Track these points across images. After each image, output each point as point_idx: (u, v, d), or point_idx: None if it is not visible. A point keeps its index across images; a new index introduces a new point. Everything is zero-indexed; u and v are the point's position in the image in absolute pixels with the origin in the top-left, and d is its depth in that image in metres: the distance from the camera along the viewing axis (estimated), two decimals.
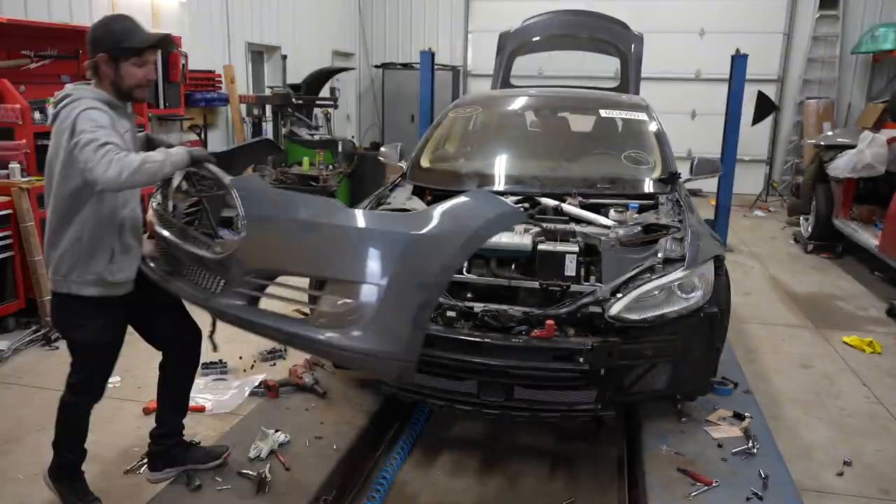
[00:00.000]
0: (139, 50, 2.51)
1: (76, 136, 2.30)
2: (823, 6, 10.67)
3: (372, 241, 2.17)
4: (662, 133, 4.50)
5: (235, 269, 2.35)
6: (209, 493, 2.76)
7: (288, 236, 2.31)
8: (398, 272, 2.12)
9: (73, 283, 2.55)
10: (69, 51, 5.56)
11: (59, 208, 2.51)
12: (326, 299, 2.26)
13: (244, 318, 2.39)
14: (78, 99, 2.42)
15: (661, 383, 3.10)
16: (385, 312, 2.11)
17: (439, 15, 12.28)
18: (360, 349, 2.14)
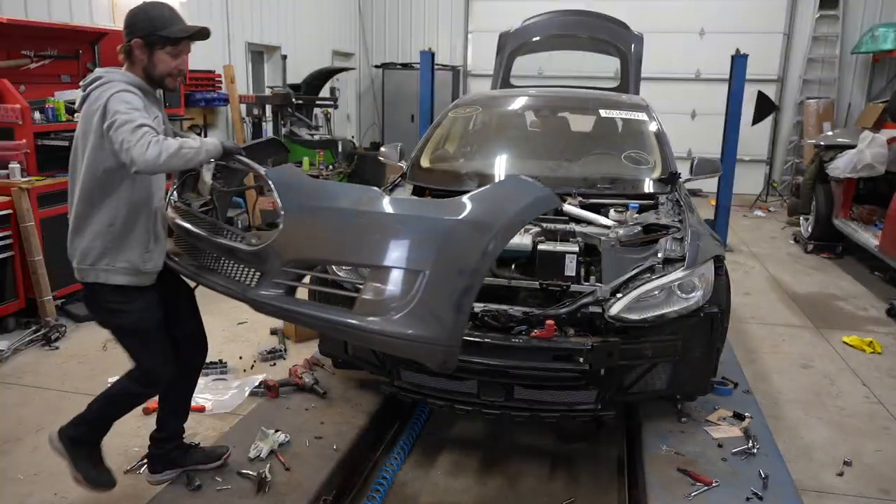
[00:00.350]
0: (176, 40, 2.50)
1: (110, 116, 2.27)
2: (823, 6, 10.68)
3: (414, 228, 2.19)
4: (662, 133, 4.50)
5: (273, 260, 2.34)
6: (209, 493, 2.76)
7: (328, 225, 2.30)
8: (440, 258, 2.14)
9: (102, 271, 2.50)
10: (69, 51, 5.56)
11: (89, 193, 2.46)
12: (369, 287, 2.24)
13: (286, 308, 2.38)
14: (109, 81, 2.38)
15: (661, 383, 3.10)
16: (428, 298, 2.13)
17: (439, 15, 12.28)
18: (404, 335, 2.15)
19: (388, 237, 2.19)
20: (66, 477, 3.01)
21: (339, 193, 2.37)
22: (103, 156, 2.37)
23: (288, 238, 2.31)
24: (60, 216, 4.92)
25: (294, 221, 2.30)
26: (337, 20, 11.40)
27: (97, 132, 2.35)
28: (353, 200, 2.29)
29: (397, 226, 2.22)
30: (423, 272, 2.12)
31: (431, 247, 2.14)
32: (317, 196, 2.35)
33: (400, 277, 2.16)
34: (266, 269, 2.38)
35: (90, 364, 4.21)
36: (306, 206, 2.32)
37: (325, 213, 2.30)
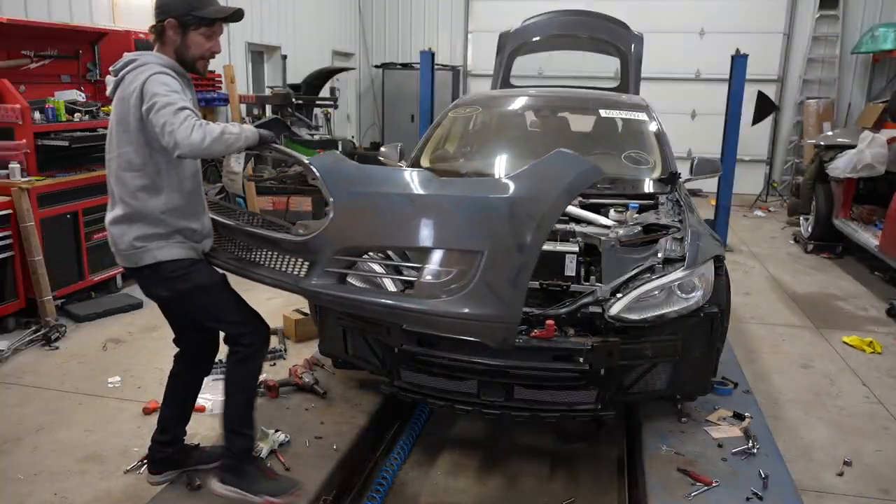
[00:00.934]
0: (211, 20, 2.42)
1: (148, 99, 2.22)
2: (823, 6, 10.68)
3: (471, 208, 2.20)
4: (662, 133, 4.50)
5: (324, 248, 2.32)
6: (209, 493, 2.75)
7: (381, 211, 2.28)
8: (498, 236, 2.17)
9: (157, 249, 2.43)
10: (69, 51, 5.56)
11: (137, 178, 2.39)
12: (427, 269, 2.25)
13: (342, 296, 2.38)
14: (144, 64, 2.34)
15: (661, 383, 3.10)
16: (488, 277, 2.17)
17: (439, 15, 12.28)
18: (465, 315, 2.19)
19: (446, 219, 2.20)
20: (66, 477, 3.02)
21: (390, 178, 2.37)
22: (148, 139, 2.32)
23: (339, 226, 2.29)
24: (60, 216, 4.95)
25: (345, 209, 2.28)
26: (337, 20, 11.40)
27: (136, 116, 2.30)
28: (405, 184, 2.28)
29: (454, 208, 2.21)
30: (482, 251, 2.16)
31: (489, 226, 2.17)
32: (367, 182, 2.32)
33: (459, 258, 2.20)
34: (316, 258, 2.36)
35: (90, 364, 4.21)
36: (357, 192, 2.30)
37: (378, 198, 2.28)
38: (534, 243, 2.18)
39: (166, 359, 4.26)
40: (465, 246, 2.20)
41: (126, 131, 2.35)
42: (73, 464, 3.13)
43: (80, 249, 5.14)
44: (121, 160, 2.41)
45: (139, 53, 2.40)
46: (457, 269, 2.20)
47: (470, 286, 2.18)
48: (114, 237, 2.50)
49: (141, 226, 2.43)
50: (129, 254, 2.47)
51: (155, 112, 2.19)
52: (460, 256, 2.20)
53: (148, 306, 5.23)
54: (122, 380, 3.99)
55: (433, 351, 2.94)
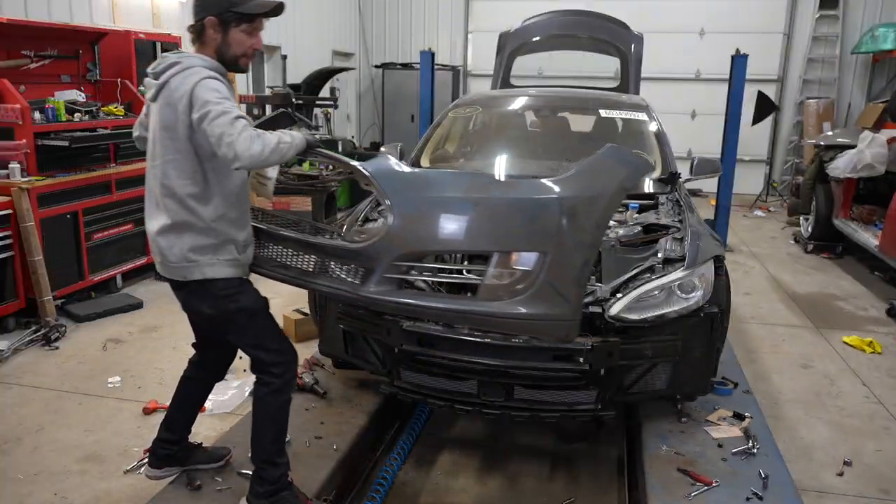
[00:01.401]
0: (252, 16, 2.34)
1: (200, 107, 2.15)
2: (823, 6, 10.67)
3: (533, 210, 2.21)
4: (662, 133, 4.50)
5: (384, 255, 2.31)
6: (209, 493, 2.76)
7: (442, 215, 2.28)
8: (560, 236, 2.19)
9: (207, 266, 2.36)
10: (69, 51, 5.56)
11: (186, 187, 2.30)
12: (492, 272, 2.27)
13: (406, 302, 2.37)
14: (190, 67, 2.25)
15: (661, 383, 3.10)
16: (551, 277, 2.20)
17: (439, 15, 12.27)
18: (530, 315, 2.22)
19: (509, 222, 2.22)
20: (66, 477, 3.02)
21: (449, 182, 2.36)
22: (197, 146, 2.25)
23: (399, 231, 2.28)
24: (60, 216, 4.95)
25: (404, 214, 2.26)
26: (337, 20, 11.39)
27: (185, 123, 2.22)
28: (465, 188, 2.30)
29: (516, 209, 2.23)
30: (545, 252, 2.19)
31: (551, 226, 2.19)
32: (426, 187, 2.33)
33: (523, 260, 2.22)
34: (373, 264, 2.34)
35: (90, 364, 4.21)
36: (416, 197, 2.30)
37: (439, 203, 2.28)
38: (594, 241, 2.23)
39: (166, 359, 4.29)
40: (530, 247, 2.22)
41: (173, 138, 2.27)
42: (73, 464, 3.13)
43: (80, 249, 5.14)
44: (167, 167, 2.31)
45: (181, 55, 2.32)
46: (523, 271, 2.22)
47: (534, 287, 2.20)
48: (161, 249, 2.39)
49: (191, 236, 2.34)
50: (179, 267, 2.38)
51: (209, 122, 2.13)
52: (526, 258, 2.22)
53: (148, 306, 5.24)
54: (122, 380, 3.99)
55: (433, 351, 2.95)
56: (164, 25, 6.77)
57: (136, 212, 5.75)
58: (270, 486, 2.54)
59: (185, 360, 4.25)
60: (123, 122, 5.61)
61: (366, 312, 3.05)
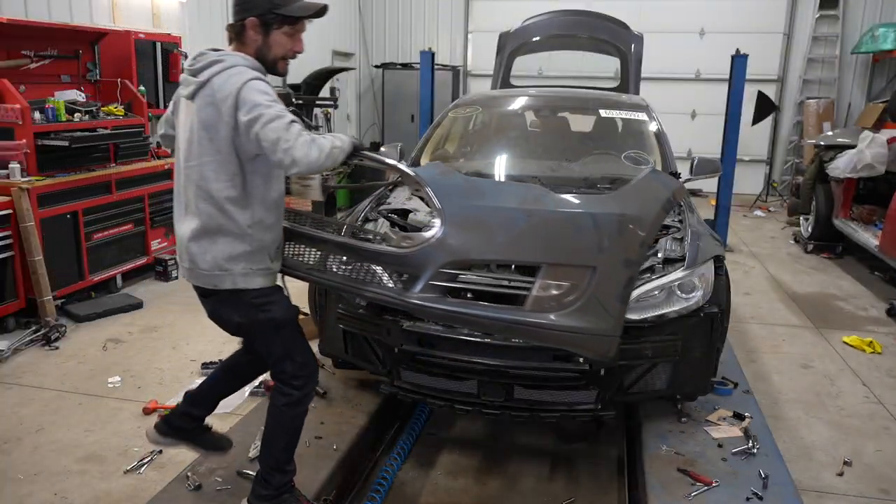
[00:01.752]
0: (295, 18, 2.28)
1: (249, 109, 2.09)
2: (823, 6, 10.67)
3: (586, 225, 2.24)
4: (662, 133, 4.50)
5: (432, 261, 2.29)
6: (209, 492, 2.76)
7: (495, 225, 2.28)
8: (609, 252, 2.24)
9: (241, 276, 2.29)
10: (69, 51, 5.56)
11: (222, 192, 2.21)
12: (541, 284, 2.28)
13: (453, 310, 2.35)
14: (233, 66, 2.17)
15: (661, 383, 3.10)
16: (598, 292, 2.23)
17: (439, 15, 12.27)
18: (576, 328, 2.24)
19: (562, 235, 2.25)
20: (66, 477, 3.02)
21: (503, 192, 2.37)
22: (240, 150, 2.18)
23: (448, 239, 2.28)
24: (60, 216, 4.95)
25: (455, 222, 2.26)
26: (337, 20, 11.39)
27: (230, 124, 2.14)
28: (519, 199, 2.30)
29: (569, 224, 2.25)
30: (594, 267, 2.22)
31: (602, 242, 2.24)
32: (478, 195, 2.33)
33: (574, 273, 2.25)
34: (420, 271, 2.32)
35: (90, 364, 4.21)
36: (468, 206, 2.29)
37: (492, 213, 2.28)
38: (639, 259, 2.28)
39: (166, 359, 4.29)
40: (578, 261, 2.25)
41: (213, 139, 2.18)
42: (73, 464, 3.13)
43: (80, 249, 5.14)
44: (205, 169, 2.22)
45: (222, 53, 2.23)
46: (572, 284, 2.24)
47: (582, 300, 2.23)
48: (192, 255, 2.31)
49: (225, 242, 2.26)
50: (210, 275, 2.31)
51: (262, 126, 2.07)
52: (576, 272, 2.24)
53: (148, 306, 5.24)
54: (121, 380, 3.99)
55: (433, 351, 2.94)
56: (164, 25, 6.77)
57: (136, 212, 5.76)
58: (274, 490, 2.53)
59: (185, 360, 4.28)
60: (123, 122, 5.61)
61: (366, 312, 3.05)
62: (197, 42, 7.36)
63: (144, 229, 5.85)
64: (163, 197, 6.08)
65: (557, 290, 2.28)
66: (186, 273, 2.39)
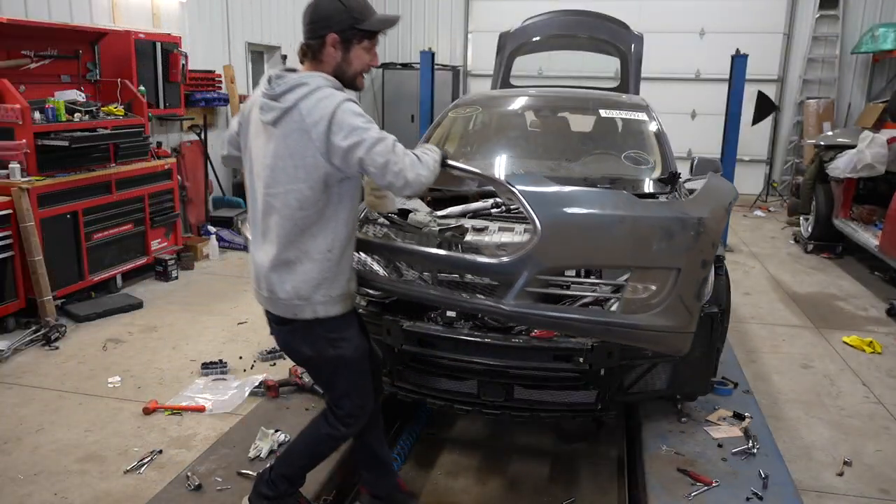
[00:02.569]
0: (374, 33, 2.21)
1: (347, 133, 2.04)
2: (823, 6, 10.67)
3: (672, 228, 2.35)
4: (662, 133, 4.49)
5: (527, 269, 2.36)
6: (209, 493, 2.76)
7: (589, 231, 2.37)
8: (690, 254, 2.36)
9: (320, 304, 2.22)
10: (69, 51, 5.56)
11: (304, 218, 2.14)
12: (632, 286, 2.40)
13: (553, 316, 2.43)
14: (319, 88, 2.11)
15: (661, 383, 3.10)
16: (681, 292, 2.38)
17: (439, 15, 12.27)
18: (663, 327, 2.39)
19: (651, 239, 2.35)
20: (66, 477, 3.02)
21: (594, 199, 2.46)
22: (328, 176, 2.11)
23: (545, 246, 2.35)
24: (60, 216, 4.95)
25: (550, 230, 2.34)
26: None
27: (320, 150, 2.07)
28: (610, 205, 2.40)
29: (657, 228, 2.36)
30: (678, 268, 2.37)
31: (685, 244, 2.35)
32: (570, 203, 2.41)
33: (661, 275, 2.39)
34: (514, 279, 2.39)
35: (90, 364, 4.21)
36: (562, 213, 2.37)
37: (586, 219, 2.37)
38: (711, 259, 2.42)
39: (166, 359, 4.29)
40: (665, 263, 2.37)
41: (299, 166, 2.10)
42: (73, 464, 3.13)
43: (80, 249, 5.14)
44: (289, 197, 2.13)
45: (303, 75, 2.15)
46: (659, 285, 2.38)
47: (668, 301, 2.38)
48: (271, 283, 2.24)
49: (306, 269, 2.19)
50: (290, 304, 2.23)
51: (367, 150, 2.03)
52: (663, 274, 2.39)
53: (148, 306, 5.24)
54: (122, 380, 3.99)
55: (433, 351, 2.94)
56: (164, 25, 6.77)
57: (136, 212, 5.76)
58: (277, 495, 2.52)
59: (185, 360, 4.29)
60: (123, 122, 5.61)
61: (366, 312, 3.05)
62: (196, 42, 7.37)
63: (144, 229, 5.85)
64: (163, 197, 6.09)
65: (645, 291, 2.40)
66: (264, 301, 2.32)
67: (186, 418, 3.53)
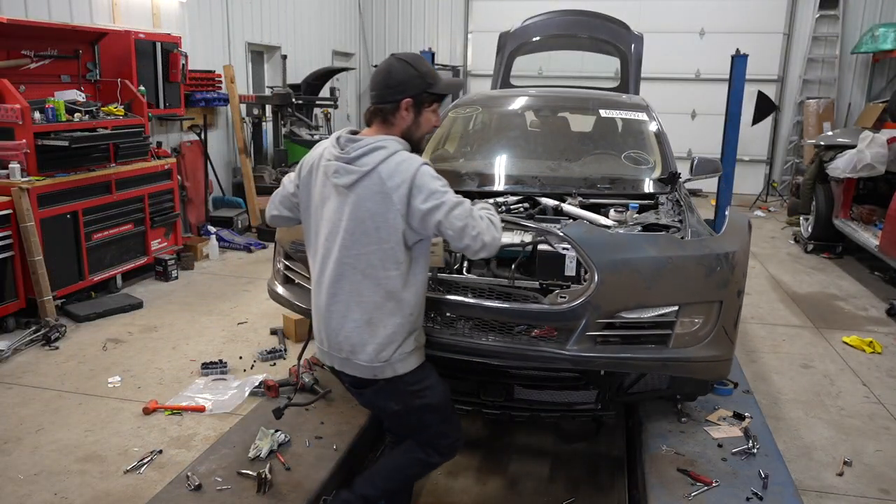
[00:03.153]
0: (442, 97, 2.30)
1: (429, 197, 2.08)
2: (823, 6, 10.67)
3: (714, 264, 2.51)
4: (662, 133, 4.49)
5: (589, 314, 2.49)
6: (209, 493, 2.76)
7: (641, 273, 2.51)
8: (730, 286, 2.55)
9: (399, 362, 2.25)
10: (69, 51, 5.56)
11: (390, 280, 2.17)
12: (682, 322, 2.55)
13: (616, 357, 2.57)
14: (396, 152, 2.15)
15: (661, 383, 3.09)
16: (724, 322, 2.57)
17: (439, 15, 12.28)
18: (710, 357, 2.57)
19: (696, 276, 2.50)
20: (66, 477, 3.02)
21: (643, 242, 2.59)
22: (406, 236, 2.14)
23: (603, 291, 2.49)
24: (60, 216, 4.95)
25: (608, 275, 2.48)
26: (337, 20, 11.39)
27: (401, 212, 2.10)
28: (658, 247, 2.54)
29: (703, 265, 2.51)
30: (721, 301, 2.54)
31: (724, 278, 2.52)
32: (624, 248, 2.54)
33: (706, 309, 2.55)
34: (576, 324, 2.53)
35: (90, 364, 4.21)
36: (618, 259, 2.51)
37: (638, 263, 2.50)
38: (744, 288, 2.62)
39: (166, 359, 4.29)
40: (710, 297, 2.52)
41: (380, 228, 2.13)
42: (73, 464, 3.13)
43: (80, 249, 5.14)
44: (372, 258, 2.16)
45: (379, 139, 2.18)
46: (704, 319, 2.54)
47: (714, 332, 2.55)
48: (353, 345, 2.25)
49: (387, 329, 2.21)
50: (371, 367, 2.24)
51: (446, 214, 2.08)
52: (708, 307, 2.55)
53: (148, 306, 5.24)
54: (122, 380, 3.99)
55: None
56: (164, 25, 6.77)
57: (136, 212, 5.76)
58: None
59: (185, 360, 4.29)
60: (123, 122, 5.61)
61: None
62: (196, 42, 7.37)
63: (144, 229, 5.85)
64: (163, 197, 6.09)
65: (692, 325, 2.55)
66: (340, 363, 2.32)
67: (186, 418, 3.53)
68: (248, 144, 8.14)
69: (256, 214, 7.66)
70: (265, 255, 6.83)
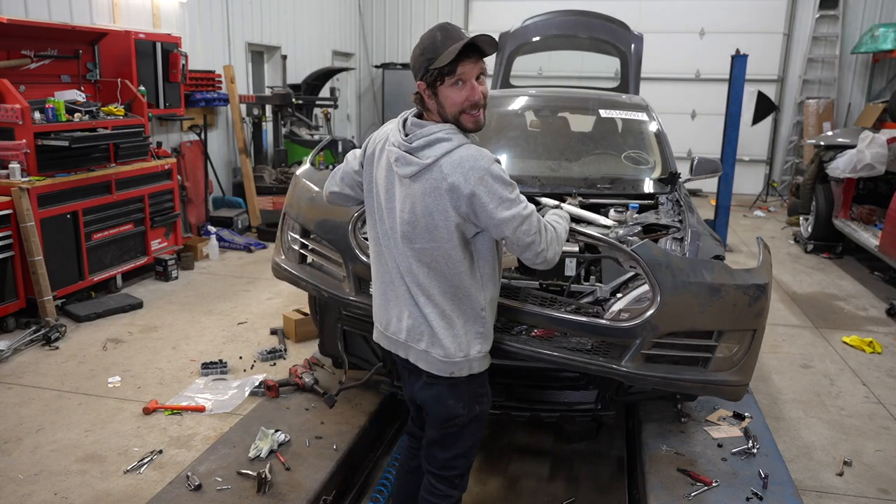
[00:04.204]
0: (449, 66, 2.03)
1: (499, 207, 1.94)
2: (823, 6, 10.68)
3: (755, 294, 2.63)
4: (662, 133, 4.49)
5: (647, 333, 2.59)
6: (209, 492, 2.76)
7: (698, 298, 2.61)
8: (762, 316, 2.70)
9: (476, 360, 2.13)
10: (69, 51, 5.56)
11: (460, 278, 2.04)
12: (722, 346, 2.68)
13: (669, 377, 2.66)
14: (461, 145, 2.01)
15: None
16: (752, 350, 2.71)
17: (439, 15, 12.28)
18: (737, 382, 2.71)
19: (741, 304, 2.64)
20: (66, 477, 3.02)
21: (701, 269, 2.68)
22: (465, 231, 2.02)
23: (664, 312, 2.57)
24: (60, 216, 4.95)
25: (670, 296, 2.57)
26: (337, 20, 11.39)
27: (462, 211, 1.97)
28: (714, 275, 2.64)
29: (748, 294, 2.64)
30: (755, 330, 2.69)
31: (762, 308, 2.67)
32: (686, 273, 2.63)
33: (742, 337, 2.69)
34: (633, 342, 2.61)
35: (90, 364, 4.21)
36: (680, 282, 2.60)
37: (696, 288, 2.61)
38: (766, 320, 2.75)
39: (166, 359, 4.29)
40: (749, 326, 2.68)
41: (440, 225, 1.99)
42: (73, 464, 3.13)
43: (80, 249, 5.14)
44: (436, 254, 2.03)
45: (442, 127, 2.05)
46: (739, 345, 2.68)
47: (745, 359, 2.70)
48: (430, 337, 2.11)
49: (460, 328, 2.09)
50: (448, 363, 2.09)
51: (514, 229, 1.96)
52: (744, 335, 2.68)
53: (148, 306, 5.24)
54: (122, 380, 3.99)
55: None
56: (164, 25, 6.77)
57: (136, 212, 5.76)
58: None
59: (185, 360, 4.28)
60: (123, 122, 5.61)
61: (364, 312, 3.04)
62: (196, 42, 7.37)
63: (144, 229, 5.85)
64: (163, 197, 6.08)
65: (730, 351, 2.68)
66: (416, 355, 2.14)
67: (186, 418, 3.53)
68: (248, 144, 8.13)
69: (256, 214, 7.66)
70: (265, 255, 6.83)
